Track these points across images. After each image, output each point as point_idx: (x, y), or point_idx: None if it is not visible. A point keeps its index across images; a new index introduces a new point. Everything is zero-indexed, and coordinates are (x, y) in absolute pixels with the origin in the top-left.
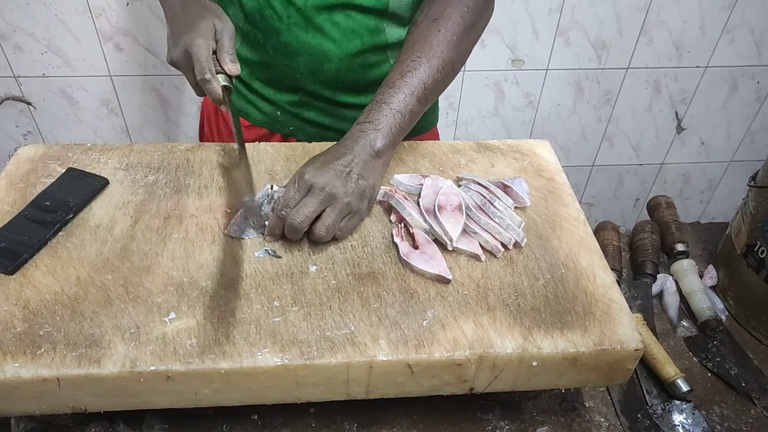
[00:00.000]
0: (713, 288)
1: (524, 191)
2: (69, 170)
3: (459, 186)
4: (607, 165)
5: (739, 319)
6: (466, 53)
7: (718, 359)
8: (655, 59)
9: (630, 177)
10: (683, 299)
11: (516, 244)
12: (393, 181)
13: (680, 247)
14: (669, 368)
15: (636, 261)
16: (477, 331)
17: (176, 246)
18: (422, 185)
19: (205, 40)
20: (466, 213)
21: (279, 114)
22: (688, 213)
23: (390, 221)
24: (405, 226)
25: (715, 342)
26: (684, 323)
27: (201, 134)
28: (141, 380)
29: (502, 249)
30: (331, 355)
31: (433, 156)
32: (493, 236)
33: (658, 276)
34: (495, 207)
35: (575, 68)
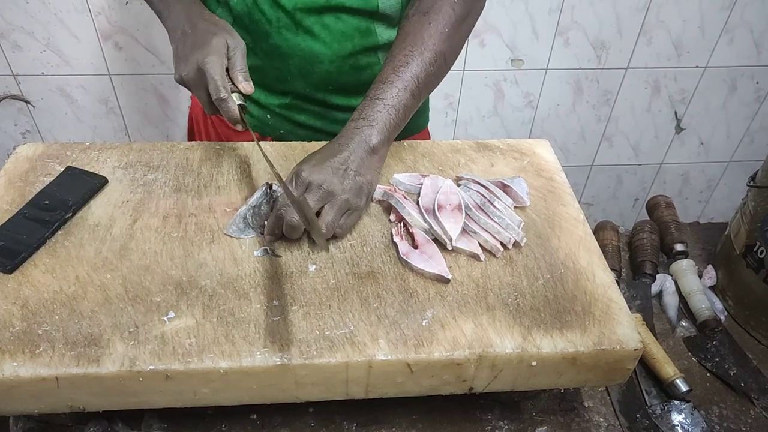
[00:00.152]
0: (712, 288)
1: (524, 191)
2: (68, 169)
3: (458, 185)
4: (607, 165)
5: (738, 320)
6: (459, 45)
7: (717, 359)
8: (655, 59)
9: (629, 177)
10: (682, 299)
11: (515, 244)
12: (392, 181)
13: (679, 247)
14: (668, 368)
15: (635, 261)
16: (476, 331)
17: (175, 245)
18: (422, 185)
19: (219, 58)
20: (466, 212)
21: (269, 117)
22: (687, 213)
23: (389, 221)
24: (404, 226)
25: (714, 342)
26: (683, 323)
27: (189, 138)
28: (140, 379)
29: (502, 248)
30: (331, 355)
31: (433, 155)
32: (493, 236)
33: (658, 276)
34: (494, 206)
35: (575, 68)
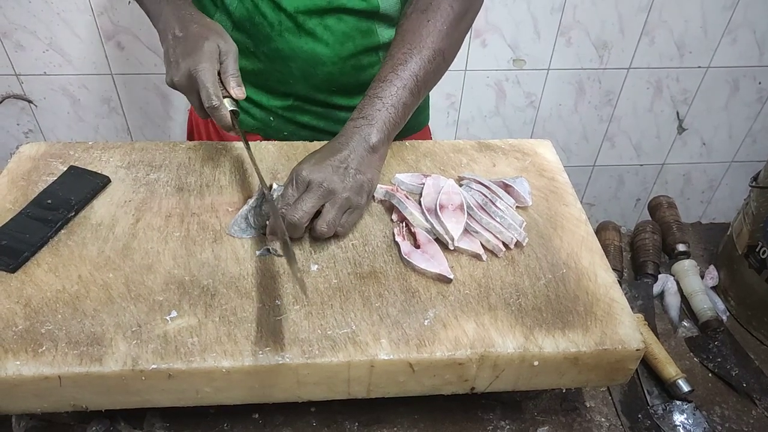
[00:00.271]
0: (714, 288)
1: (526, 191)
2: (70, 168)
3: (460, 185)
4: (608, 165)
5: (740, 320)
6: (458, 43)
7: (719, 360)
8: (657, 59)
9: (631, 177)
10: (684, 299)
11: (517, 244)
12: (395, 181)
13: (681, 248)
14: (670, 368)
15: (637, 261)
16: (478, 331)
17: (178, 244)
18: (424, 184)
19: (211, 64)
20: (468, 212)
21: (272, 119)
22: (689, 213)
23: (391, 220)
24: (406, 226)
25: (716, 342)
26: (685, 323)
27: (189, 138)
28: (142, 378)
29: (504, 248)
30: (333, 354)
31: (435, 155)
32: (495, 236)
33: (659, 276)
34: (496, 206)
35: (576, 68)
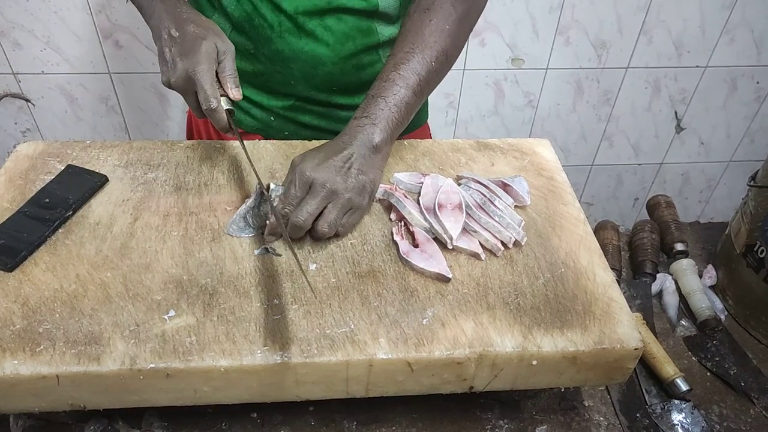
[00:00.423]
0: (712, 287)
1: (524, 190)
2: (68, 167)
3: (459, 184)
4: (607, 164)
5: (739, 319)
6: (461, 42)
7: (718, 359)
8: (655, 59)
9: (629, 176)
10: (682, 299)
11: (516, 243)
12: (393, 180)
13: (680, 247)
14: (668, 367)
15: (635, 260)
16: (477, 330)
17: (176, 243)
18: (422, 184)
19: (209, 65)
20: (466, 211)
21: (273, 120)
22: (688, 213)
23: (390, 219)
24: (405, 225)
25: (715, 341)
26: (683, 323)
27: (188, 137)
28: (140, 378)
29: (502, 248)
30: (331, 354)
31: (433, 154)
32: (493, 235)
33: (658, 275)
34: (495, 206)
35: (575, 67)
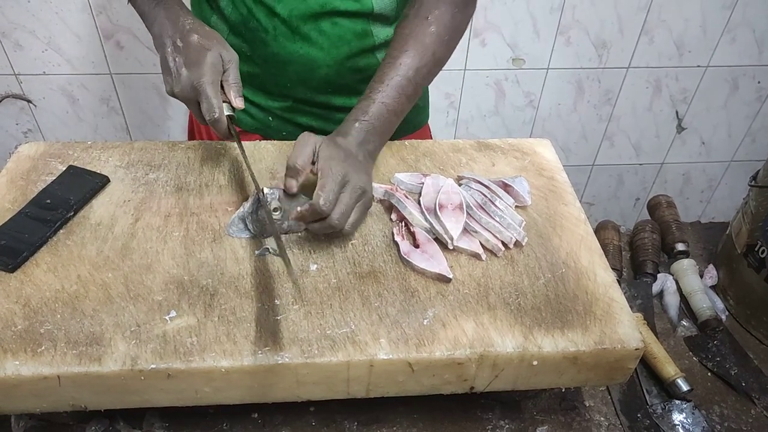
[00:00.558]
0: (713, 288)
1: (525, 190)
2: (70, 168)
3: (460, 185)
4: (608, 164)
5: (740, 319)
6: (453, 50)
7: (718, 359)
8: (656, 59)
9: (630, 176)
10: (683, 299)
11: (517, 243)
12: (394, 180)
13: (681, 247)
14: (669, 368)
15: (636, 260)
16: (477, 330)
17: (177, 244)
18: (423, 184)
19: (215, 76)
20: (467, 212)
21: (271, 120)
22: (689, 213)
23: (391, 220)
24: (406, 225)
25: (715, 342)
26: (684, 323)
27: (189, 138)
28: (141, 378)
29: (503, 248)
30: (332, 354)
31: (434, 155)
32: (494, 235)
33: (659, 275)
34: (496, 206)
35: (576, 67)
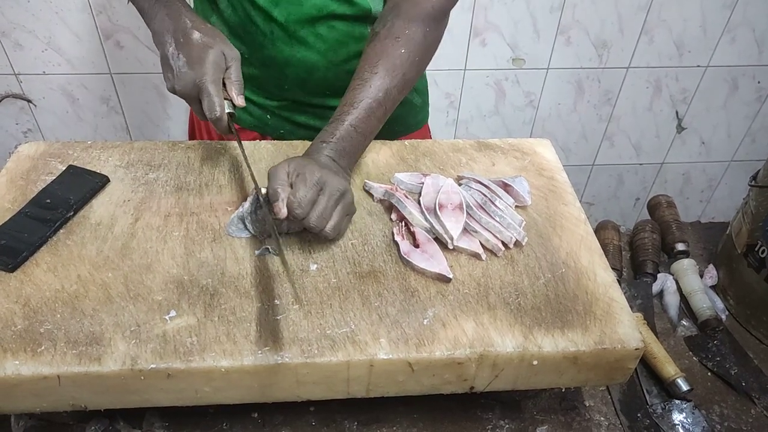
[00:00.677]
0: (713, 287)
1: (525, 190)
2: (69, 168)
3: (460, 185)
4: (608, 164)
5: (740, 319)
6: (423, 70)
7: (718, 359)
8: (656, 58)
9: (630, 176)
10: (683, 299)
11: (517, 243)
12: (394, 180)
13: (681, 247)
14: (669, 367)
15: (636, 260)
16: (477, 330)
17: (177, 244)
18: (423, 184)
19: (217, 74)
20: (467, 212)
21: (269, 117)
22: (689, 212)
23: (391, 220)
24: (406, 225)
25: (715, 341)
26: (684, 323)
27: (190, 137)
28: (141, 378)
29: (503, 248)
30: (332, 354)
31: (434, 155)
32: (494, 235)
33: (659, 275)
34: (496, 206)
35: (576, 67)
